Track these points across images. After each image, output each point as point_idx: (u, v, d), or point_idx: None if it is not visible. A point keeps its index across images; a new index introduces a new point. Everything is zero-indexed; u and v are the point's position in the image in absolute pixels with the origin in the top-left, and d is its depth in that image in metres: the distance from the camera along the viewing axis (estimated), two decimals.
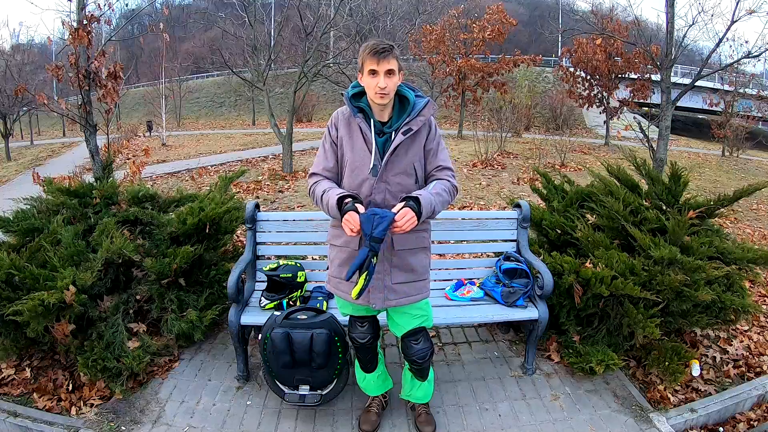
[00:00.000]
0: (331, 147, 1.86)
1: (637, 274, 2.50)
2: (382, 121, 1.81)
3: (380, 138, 1.80)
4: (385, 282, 1.86)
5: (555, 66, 20.34)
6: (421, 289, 1.93)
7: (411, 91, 1.83)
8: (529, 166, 8.85)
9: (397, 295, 1.88)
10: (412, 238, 1.86)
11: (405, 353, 2.01)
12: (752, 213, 6.63)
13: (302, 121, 22.57)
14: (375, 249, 1.66)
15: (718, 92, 14.74)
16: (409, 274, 1.89)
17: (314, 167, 1.89)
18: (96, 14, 3.79)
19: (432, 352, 2.01)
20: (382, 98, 1.73)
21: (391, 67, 1.70)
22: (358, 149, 1.80)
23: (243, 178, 6.37)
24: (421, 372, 2.06)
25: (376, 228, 1.63)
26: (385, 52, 1.69)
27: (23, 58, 17.86)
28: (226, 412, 2.33)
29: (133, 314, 2.62)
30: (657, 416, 2.33)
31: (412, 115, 1.78)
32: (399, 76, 1.76)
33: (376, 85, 1.70)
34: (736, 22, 5.83)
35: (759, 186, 2.91)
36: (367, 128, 1.78)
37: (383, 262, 1.84)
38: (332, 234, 1.95)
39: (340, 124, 1.85)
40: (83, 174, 6.20)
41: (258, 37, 8.99)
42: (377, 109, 1.79)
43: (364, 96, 1.81)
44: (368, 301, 1.87)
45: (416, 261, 1.90)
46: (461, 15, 15.22)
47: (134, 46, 24.50)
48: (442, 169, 1.86)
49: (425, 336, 1.99)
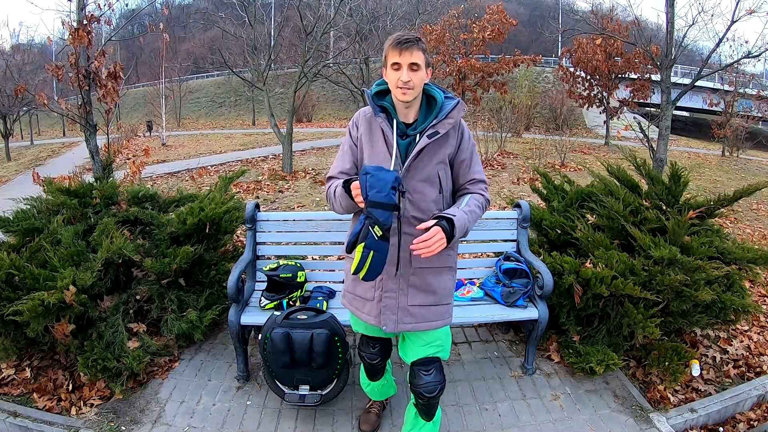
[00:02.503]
0: (350, 148, 1.73)
1: (637, 274, 2.50)
2: (406, 122, 1.66)
3: (403, 141, 1.64)
4: (400, 302, 1.67)
5: (555, 66, 20.37)
6: (443, 315, 1.73)
7: (440, 91, 1.67)
8: (529, 166, 8.85)
9: (413, 319, 1.69)
10: (436, 256, 1.63)
11: (412, 383, 1.79)
12: (752, 213, 6.63)
13: (302, 121, 22.60)
14: (373, 216, 1.42)
15: (718, 92, 14.75)
16: (429, 297, 1.69)
17: (331, 170, 1.76)
18: (96, 14, 3.79)
19: (443, 388, 1.79)
20: (405, 94, 1.57)
21: (415, 60, 1.55)
22: (378, 152, 1.65)
23: (243, 178, 6.37)
24: (427, 409, 1.83)
25: (371, 189, 1.42)
26: (409, 43, 1.55)
27: (23, 58, 17.84)
28: (226, 412, 2.33)
29: (133, 314, 2.62)
30: (657, 416, 2.33)
31: (440, 117, 1.62)
32: (426, 73, 1.60)
33: (398, 79, 1.56)
34: (736, 22, 5.85)
35: (759, 186, 2.91)
36: (389, 129, 1.63)
37: (399, 279, 1.66)
38: None
39: (361, 123, 1.71)
40: (83, 174, 6.21)
41: (258, 37, 8.99)
42: (401, 108, 1.64)
43: (389, 95, 1.67)
44: (380, 322, 1.71)
45: (438, 282, 1.71)
46: (461, 15, 15.24)
47: (134, 46, 24.54)
48: (476, 182, 1.70)
49: (438, 368, 1.78)
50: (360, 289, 1.76)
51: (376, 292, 1.70)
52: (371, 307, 1.73)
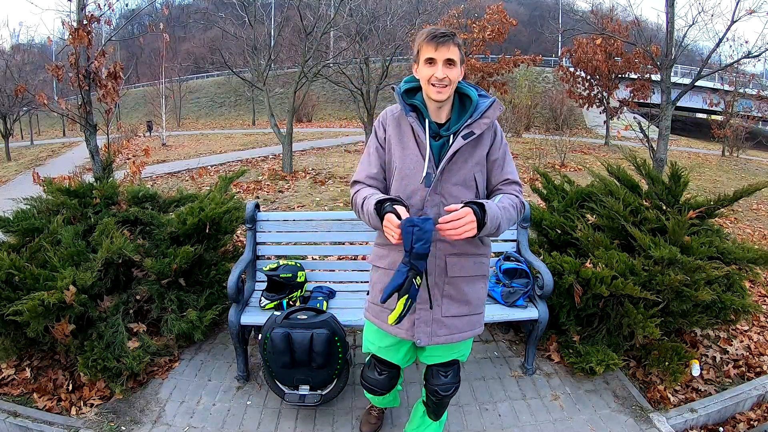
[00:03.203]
0: (376, 151, 1.62)
1: (637, 274, 2.50)
2: (438, 122, 1.56)
3: (436, 142, 1.54)
4: (435, 314, 1.59)
5: (555, 66, 20.37)
6: (474, 325, 1.67)
7: (474, 90, 1.58)
8: (529, 166, 8.85)
9: (448, 331, 1.61)
10: (470, 264, 1.61)
11: (428, 382, 1.78)
12: (752, 213, 6.63)
13: (302, 121, 22.60)
14: (417, 268, 1.37)
15: (718, 92, 14.76)
16: (464, 307, 1.62)
17: (357, 174, 1.65)
18: (96, 14, 3.79)
19: (458, 388, 1.79)
20: (439, 93, 1.48)
21: (451, 56, 1.46)
22: (410, 154, 1.55)
23: (243, 178, 6.38)
24: (437, 408, 1.84)
25: (417, 242, 1.34)
26: (446, 37, 1.45)
27: (23, 58, 17.86)
28: (226, 412, 2.33)
29: (133, 314, 2.62)
30: (657, 416, 2.33)
31: (474, 117, 1.53)
32: (461, 70, 1.51)
33: (433, 75, 1.46)
34: (736, 22, 5.85)
35: (759, 186, 2.91)
36: (421, 130, 1.53)
37: (434, 289, 1.58)
38: (376, 254, 1.70)
39: (389, 123, 1.61)
40: (83, 174, 6.21)
41: (258, 37, 8.99)
42: (434, 107, 1.54)
43: (419, 92, 1.57)
44: (413, 335, 1.61)
45: (473, 291, 1.64)
46: (461, 15, 15.21)
47: (134, 46, 24.51)
48: (509, 183, 1.60)
49: (456, 370, 1.77)
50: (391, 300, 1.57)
51: None
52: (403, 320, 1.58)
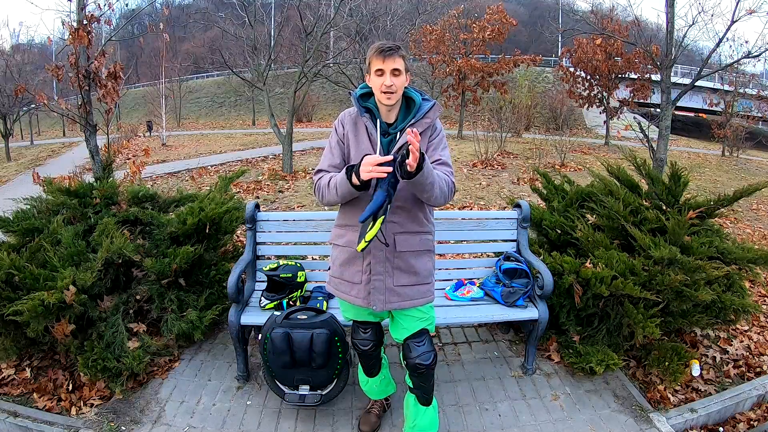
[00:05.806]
0: (337, 144, 1.87)
1: (637, 274, 2.50)
2: (388, 122, 1.82)
3: (385, 138, 1.81)
4: (387, 284, 1.83)
5: (555, 66, 20.37)
6: (425, 293, 1.90)
7: (418, 94, 1.85)
8: (529, 166, 8.85)
9: (399, 298, 1.85)
10: (416, 241, 1.85)
11: (407, 357, 1.92)
12: (752, 213, 6.63)
13: (302, 121, 22.58)
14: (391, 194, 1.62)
15: (718, 92, 14.75)
16: (412, 277, 1.86)
17: (320, 164, 1.89)
18: (96, 14, 3.78)
19: (436, 357, 1.93)
20: (389, 98, 1.74)
21: (397, 66, 1.72)
22: (363, 148, 1.81)
23: (243, 178, 6.37)
24: (424, 385, 1.95)
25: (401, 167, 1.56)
26: (391, 51, 1.71)
27: (23, 58, 17.87)
28: (226, 412, 2.33)
29: (133, 314, 2.62)
30: (657, 416, 2.33)
31: (417, 117, 1.79)
32: (406, 77, 1.77)
33: (382, 84, 1.72)
34: (736, 22, 5.83)
35: (759, 186, 2.91)
36: (373, 128, 1.80)
37: (385, 263, 1.82)
38: (335, 234, 1.94)
39: (347, 122, 1.87)
40: (83, 174, 6.20)
41: (258, 37, 8.99)
42: (384, 109, 1.80)
43: (372, 97, 1.83)
44: (368, 303, 1.84)
45: (420, 264, 1.87)
46: (461, 15, 15.22)
47: (134, 46, 24.56)
48: (441, 163, 1.81)
49: (429, 339, 1.93)
50: (348, 273, 1.88)
51: (364, 275, 1.84)
52: (359, 290, 1.85)
